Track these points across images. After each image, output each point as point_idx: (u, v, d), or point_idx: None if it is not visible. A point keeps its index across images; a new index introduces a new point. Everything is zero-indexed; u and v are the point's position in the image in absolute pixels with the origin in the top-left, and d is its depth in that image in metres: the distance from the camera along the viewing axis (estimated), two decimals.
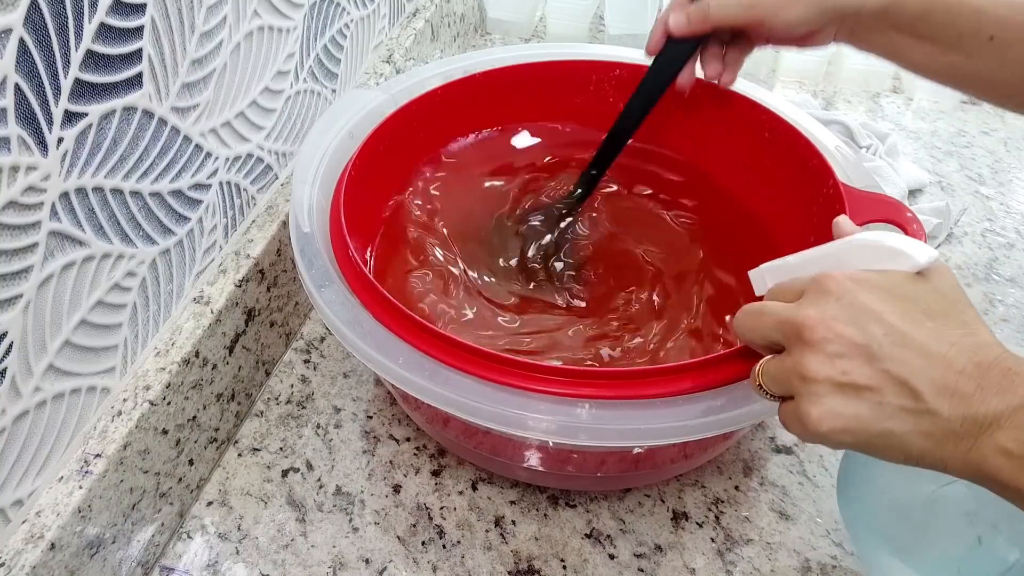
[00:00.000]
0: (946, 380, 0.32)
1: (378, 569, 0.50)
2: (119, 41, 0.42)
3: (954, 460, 0.33)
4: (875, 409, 0.33)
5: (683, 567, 0.50)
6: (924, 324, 0.33)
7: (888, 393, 0.33)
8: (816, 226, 0.54)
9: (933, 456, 0.33)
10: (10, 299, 0.38)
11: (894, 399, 0.33)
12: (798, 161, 0.57)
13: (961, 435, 0.32)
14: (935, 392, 0.32)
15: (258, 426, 0.58)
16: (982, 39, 0.49)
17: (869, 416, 0.33)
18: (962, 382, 0.32)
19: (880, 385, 0.33)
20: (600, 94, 0.66)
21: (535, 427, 0.41)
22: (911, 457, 0.33)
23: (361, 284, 0.47)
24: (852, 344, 0.33)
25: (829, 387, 0.33)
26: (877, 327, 0.33)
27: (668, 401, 0.41)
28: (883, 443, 0.33)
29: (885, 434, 0.33)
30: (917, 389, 0.32)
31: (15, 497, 0.41)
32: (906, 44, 0.51)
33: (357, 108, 0.60)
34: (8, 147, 0.36)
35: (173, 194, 0.49)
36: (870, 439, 0.33)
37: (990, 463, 0.32)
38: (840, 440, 0.34)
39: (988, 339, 0.34)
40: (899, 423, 0.33)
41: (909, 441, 0.33)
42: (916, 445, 0.33)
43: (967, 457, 0.32)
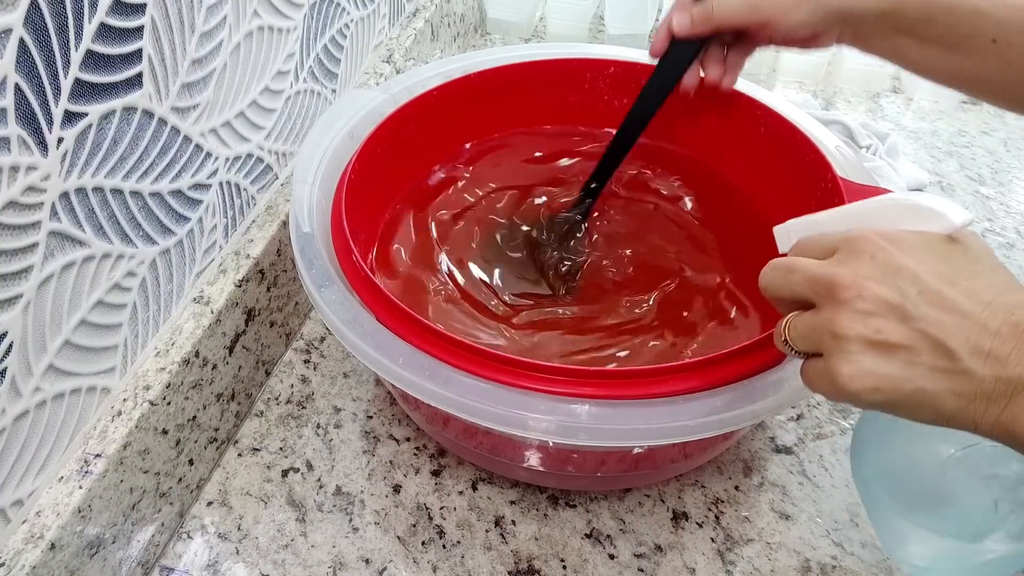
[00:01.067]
0: (981, 341, 0.32)
1: (378, 569, 0.50)
2: (119, 41, 0.42)
3: (985, 421, 0.33)
4: (908, 368, 0.33)
5: (683, 567, 0.50)
6: (959, 284, 0.33)
7: (922, 352, 0.33)
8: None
9: (964, 417, 0.33)
10: (10, 299, 0.38)
11: (928, 359, 0.33)
12: (795, 156, 0.57)
13: (994, 396, 0.32)
14: (970, 352, 0.32)
15: (258, 426, 0.58)
16: (984, 41, 0.49)
17: (902, 375, 0.33)
18: (997, 343, 0.32)
19: (914, 344, 0.33)
20: (595, 92, 0.66)
21: (535, 427, 0.41)
22: (941, 417, 0.33)
23: (362, 284, 0.47)
24: (886, 303, 0.33)
25: (862, 345, 0.33)
26: (912, 286, 0.33)
27: (668, 401, 0.41)
28: (914, 403, 0.33)
29: (917, 393, 0.33)
30: (952, 349, 0.32)
31: (15, 497, 0.41)
32: (908, 46, 0.51)
33: (357, 108, 0.60)
34: (8, 147, 0.36)
35: (173, 194, 0.49)
36: (902, 398, 0.33)
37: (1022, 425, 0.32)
38: (871, 399, 0.33)
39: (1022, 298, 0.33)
40: (932, 383, 0.33)
41: (941, 401, 0.33)
42: (948, 405, 0.33)
43: (999, 418, 0.32)
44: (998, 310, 0.32)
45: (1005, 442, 0.33)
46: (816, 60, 0.92)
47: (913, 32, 0.51)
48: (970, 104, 0.91)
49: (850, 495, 0.54)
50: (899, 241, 0.34)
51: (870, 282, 0.33)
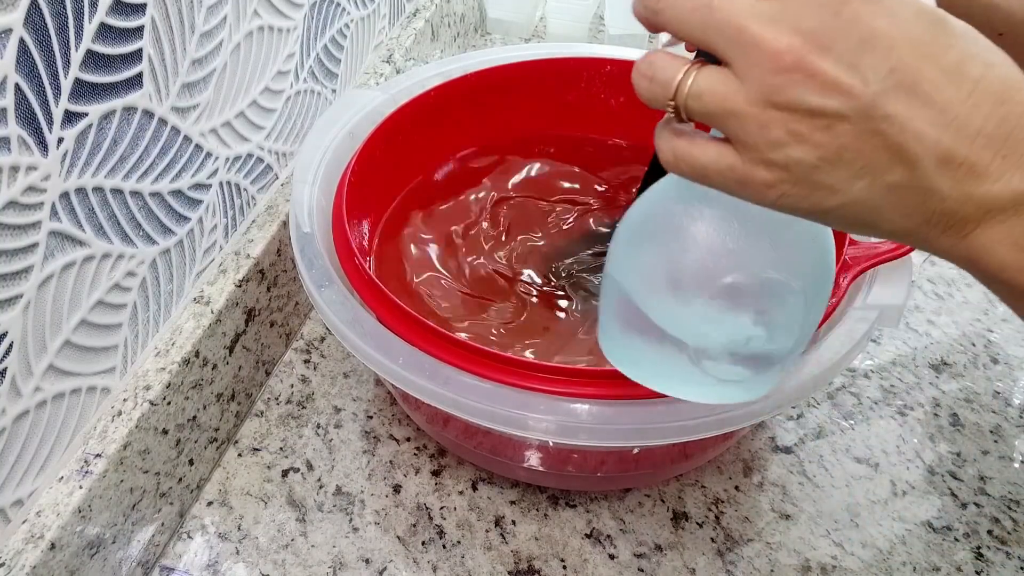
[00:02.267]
0: (955, 145, 0.24)
1: (378, 569, 0.50)
2: (119, 41, 0.42)
3: (941, 244, 0.26)
4: (852, 179, 0.25)
5: (683, 567, 0.50)
6: (942, 57, 0.25)
7: (876, 161, 0.25)
8: None
9: (913, 237, 0.27)
10: (10, 299, 0.38)
11: (884, 170, 0.25)
12: None
13: (961, 217, 0.25)
14: (936, 163, 0.25)
15: (258, 426, 0.58)
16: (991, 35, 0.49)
17: (842, 186, 0.25)
18: (976, 148, 0.24)
19: (868, 150, 0.25)
20: (592, 91, 0.66)
21: (535, 427, 0.41)
22: (879, 232, 0.27)
23: (362, 284, 0.47)
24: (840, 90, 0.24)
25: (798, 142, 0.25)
26: (883, 64, 0.24)
27: (668, 401, 0.41)
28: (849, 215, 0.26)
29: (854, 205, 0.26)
30: (915, 158, 0.25)
31: (15, 497, 0.41)
32: None
33: (357, 108, 0.60)
34: (8, 147, 0.36)
35: (173, 194, 0.49)
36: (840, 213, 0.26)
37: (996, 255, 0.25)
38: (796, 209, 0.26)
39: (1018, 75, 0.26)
40: (880, 197, 0.25)
41: (887, 219, 0.26)
42: (897, 225, 0.26)
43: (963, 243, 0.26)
44: (985, 96, 0.25)
45: (964, 267, 0.27)
46: None
47: None
48: None
49: (850, 495, 0.54)
50: None
51: (824, 58, 0.24)
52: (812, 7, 0.25)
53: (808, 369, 0.43)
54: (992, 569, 0.50)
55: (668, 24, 0.27)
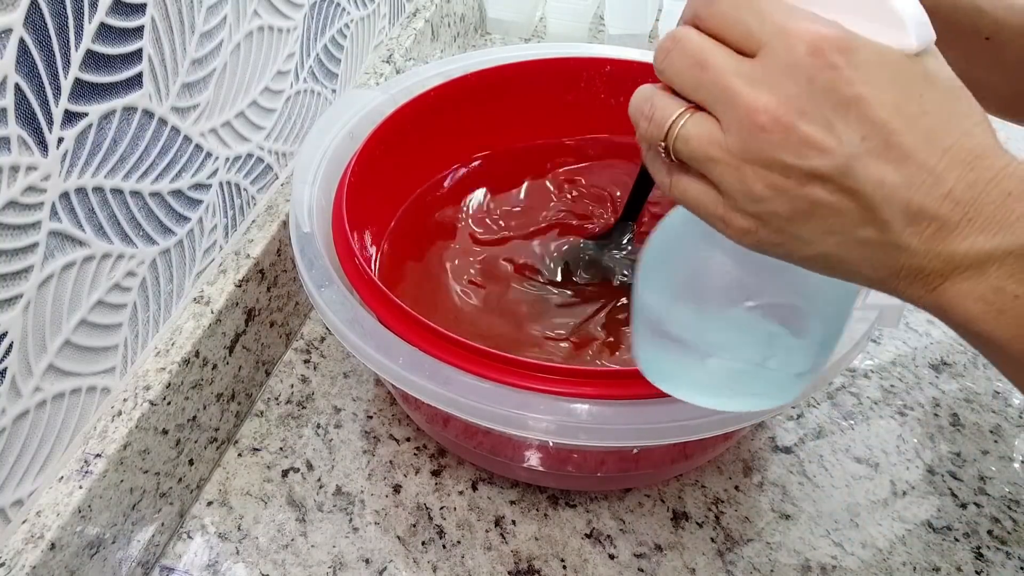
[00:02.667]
0: (925, 204, 0.25)
1: (378, 569, 0.50)
2: (119, 41, 0.42)
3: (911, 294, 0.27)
4: (827, 233, 0.26)
5: (683, 567, 0.50)
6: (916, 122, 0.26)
7: (849, 218, 0.26)
8: None
9: (883, 286, 0.28)
10: (10, 299, 0.38)
11: (855, 227, 0.26)
12: None
13: (929, 272, 0.26)
14: (907, 221, 0.26)
15: (258, 426, 0.58)
16: (978, 39, 0.49)
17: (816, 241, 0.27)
18: (945, 208, 0.25)
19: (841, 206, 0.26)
20: (591, 91, 0.66)
21: (535, 427, 0.41)
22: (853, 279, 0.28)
23: (362, 284, 0.47)
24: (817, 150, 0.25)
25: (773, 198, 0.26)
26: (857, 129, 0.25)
27: (668, 401, 0.41)
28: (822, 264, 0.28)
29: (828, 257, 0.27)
30: (886, 219, 0.26)
31: (15, 497, 0.41)
32: None
33: (357, 108, 0.60)
34: (8, 147, 0.36)
35: (173, 194, 0.49)
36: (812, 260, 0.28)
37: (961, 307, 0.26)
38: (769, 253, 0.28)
39: (989, 143, 0.26)
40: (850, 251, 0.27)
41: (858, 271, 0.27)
42: (865, 275, 0.27)
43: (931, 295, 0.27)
44: (955, 161, 0.26)
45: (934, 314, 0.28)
46: None
47: None
48: None
49: (850, 495, 0.54)
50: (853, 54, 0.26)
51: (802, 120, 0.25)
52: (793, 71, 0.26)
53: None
54: (992, 569, 0.50)
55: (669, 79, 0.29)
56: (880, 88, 0.26)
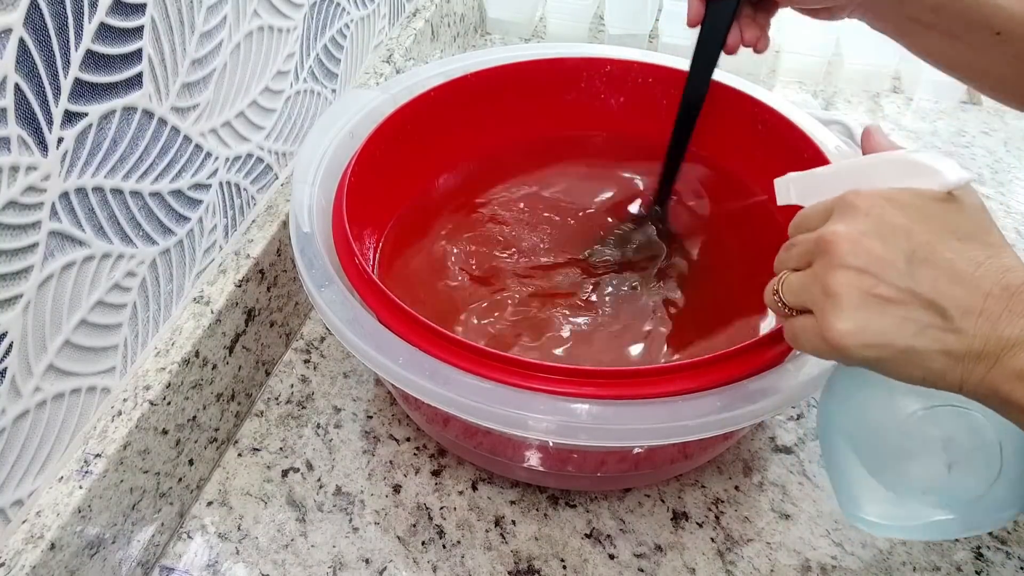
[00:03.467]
0: (973, 301, 0.32)
1: (378, 569, 0.50)
2: (119, 41, 0.42)
3: (971, 380, 0.33)
4: (901, 325, 0.33)
5: (683, 567, 0.50)
6: (952, 243, 0.33)
7: (915, 310, 0.33)
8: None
9: (952, 375, 0.33)
10: (10, 299, 0.38)
11: (921, 316, 0.33)
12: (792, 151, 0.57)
13: (983, 356, 0.32)
14: (961, 312, 0.32)
15: (258, 426, 0.58)
16: (989, 33, 0.49)
17: (894, 332, 0.33)
18: (989, 304, 0.32)
19: (908, 301, 0.33)
20: (592, 91, 0.66)
21: (535, 427, 0.41)
22: (930, 375, 0.33)
23: (363, 284, 0.47)
24: (880, 259, 0.33)
25: (855, 300, 0.33)
26: (906, 243, 0.33)
27: (668, 401, 0.42)
28: (905, 360, 0.33)
29: (909, 351, 0.33)
30: (944, 307, 0.32)
31: (15, 497, 0.41)
32: (916, 30, 0.52)
33: (357, 108, 0.60)
34: (8, 147, 0.36)
35: (173, 194, 0.49)
36: (894, 355, 0.33)
37: (1010, 386, 0.32)
38: (862, 355, 0.33)
39: (1014, 263, 0.33)
40: (924, 340, 0.33)
41: (931, 359, 0.33)
42: (937, 363, 0.33)
43: (985, 378, 0.32)
44: (990, 271, 0.33)
45: (990, 404, 0.33)
46: (816, 60, 0.92)
47: (923, 18, 0.51)
48: (970, 104, 0.91)
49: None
50: (894, 199, 0.34)
51: (865, 238, 0.33)
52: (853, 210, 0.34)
53: (807, 369, 0.43)
54: (992, 569, 0.50)
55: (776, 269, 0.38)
56: (918, 218, 0.33)
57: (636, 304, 0.56)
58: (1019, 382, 0.32)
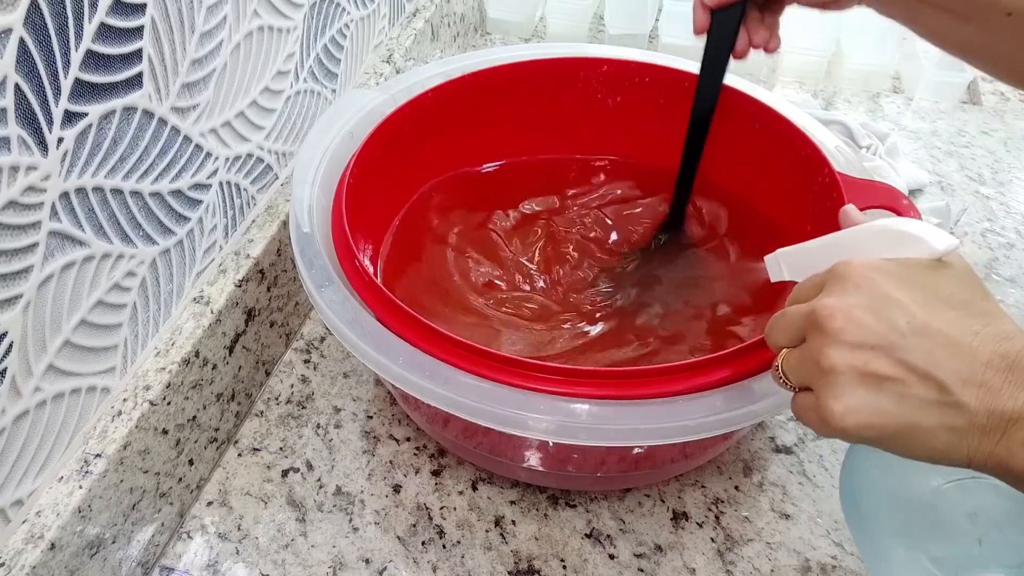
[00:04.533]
0: (972, 372, 0.31)
1: (378, 569, 0.50)
2: (119, 41, 0.42)
3: (979, 455, 0.32)
4: (899, 402, 0.32)
5: (683, 567, 0.50)
6: (946, 313, 0.32)
7: (913, 385, 0.32)
8: (813, 215, 0.55)
9: (958, 451, 0.32)
10: (10, 299, 0.38)
11: (919, 391, 0.32)
12: (791, 151, 0.57)
13: (988, 429, 0.31)
14: (961, 384, 0.31)
15: (258, 426, 0.58)
16: (999, 15, 0.49)
17: (893, 410, 0.32)
18: (988, 374, 0.31)
19: (904, 376, 0.32)
20: (588, 90, 0.66)
21: (535, 427, 0.41)
22: (935, 452, 0.32)
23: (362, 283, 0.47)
24: (873, 333, 0.32)
25: (851, 378, 0.32)
26: (900, 316, 0.32)
27: (668, 401, 0.41)
28: (907, 437, 0.32)
29: (910, 428, 0.32)
30: (942, 381, 0.31)
31: (15, 497, 0.41)
32: (924, 12, 0.51)
33: (357, 108, 0.60)
34: (8, 147, 0.36)
35: (173, 194, 0.49)
36: (894, 434, 0.32)
37: (1018, 458, 0.31)
38: (863, 436, 0.33)
39: (1011, 329, 0.32)
40: (924, 416, 0.32)
41: (934, 436, 0.32)
42: (941, 440, 0.32)
43: (993, 452, 0.31)
44: (986, 340, 0.32)
45: (999, 476, 0.32)
46: (816, 60, 0.92)
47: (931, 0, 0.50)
48: (970, 104, 0.91)
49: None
50: (885, 270, 0.33)
51: (857, 311, 0.32)
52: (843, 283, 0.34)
53: None
54: None
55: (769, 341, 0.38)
56: (910, 289, 0.33)
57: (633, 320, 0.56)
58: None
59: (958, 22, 0.50)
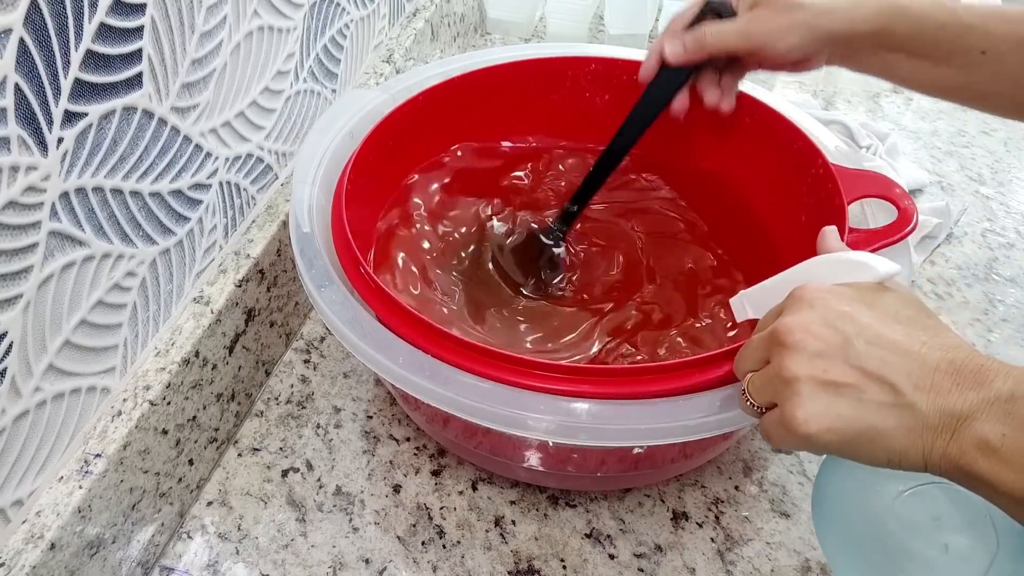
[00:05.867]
0: (922, 376, 0.33)
1: (378, 569, 0.50)
2: (119, 41, 0.42)
3: (933, 456, 0.33)
4: (856, 406, 0.34)
5: (683, 567, 0.50)
6: (895, 326, 0.35)
7: (868, 389, 0.34)
8: (808, 206, 0.55)
9: (914, 452, 0.34)
10: (10, 299, 0.38)
11: (875, 395, 0.34)
12: (784, 144, 0.57)
13: (939, 429, 0.33)
14: (912, 387, 0.33)
15: (258, 426, 0.58)
16: (974, 54, 0.49)
17: (851, 414, 0.34)
18: (937, 378, 0.33)
19: (859, 382, 0.34)
20: (576, 89, 0.66)
21: (535, 427, 0.41)
22: (894, 455, 0.34)
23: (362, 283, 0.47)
24: (829, 343, 0.34)
25: (810, 386, 0.34)
26: (852, 327, 0.35)
27: (668, 401, 0.42)
28: (867, 440, 0.34)
29: (868, 431, 0.34)
30: (895, 384, 0.33)
31: (15, 497, 0.41)
32: (899, 62, 0.52)
33: (357, 108, 0.60)
34: (8, 147, 0.36)
35: (173, 194, 0.49)
36: (854, 436, 0.34)
37: (968, 458, 0.32)
38: (825, 440, 0.34)
39: (957, 341, 0.35)
40: (880, 418, 0.34)
41: (891, 437, 0.34)
42: (898, 441, 0.34)
43: (946, 452, 0.33)
44: (934, 348, 0.34)
45: (953, 477, 0.34)
46: None
47: (902, 48, 0.51)
48: None
49: None
50: (836, 291, 0.36)
51: (813, 325, 0.35)
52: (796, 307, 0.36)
53: None
54: None
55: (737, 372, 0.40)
56: (859, 306, 0.36)
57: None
58: (978, 453, 0.32)
59: (935, 66, 0.51)
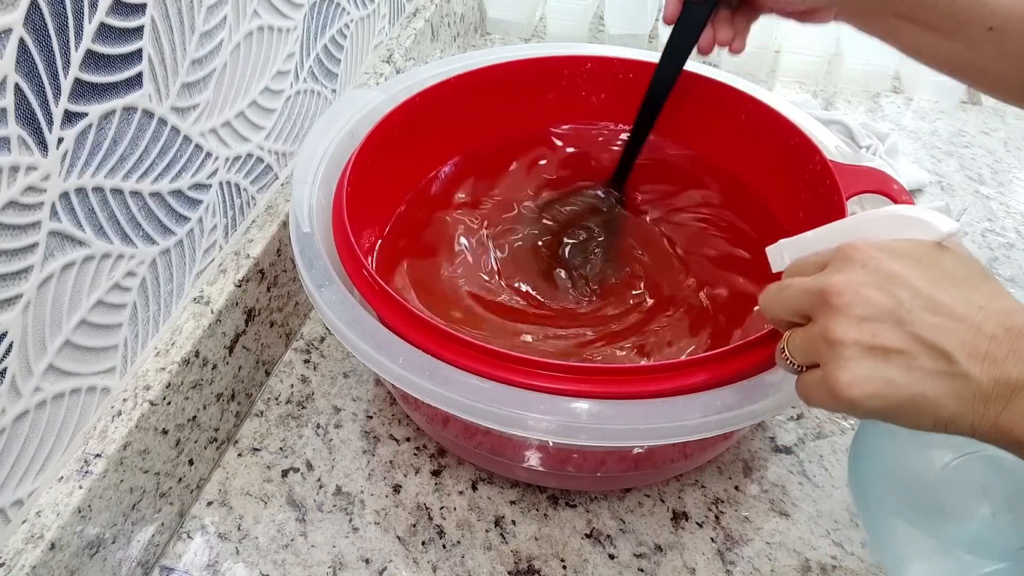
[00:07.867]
0: (977, 344, 0.32)
1: (378, 569, 0.50)
2: (119, 41, 0.42)
3: (983, 425, 0.32)
4: (906, 373, 0.33)
5: (683, 567, 0.50)
6: (950, 290, 0.33)
7: (919, 356, 0.33)
8: (805, 203, 0.55)
9: (963, 420, 0.33)
10: (10, 299, 0.38)
11: (926, 362, 0.32)
12: (780, 141, 0.58)
13: (992, 398, 0.32)
14: (966, 355, 0.32)
15: (258, 426, 0.58)
16: (981, 29, 0.49)
17: (900, 380, 0.33)
18: (993, 346, 0.32)
19: (911, 348, 0.33)
20: (573, 88, 0.66)
21: (535, 427, 0.41)
22: (940, 422, 0.33)
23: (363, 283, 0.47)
24: (880, 307, 0.33)
25: (858, 351, 0.33)
26: (904, 291, 0.33)
27: (668, 401, 0.42)
28: (914, 408, 0.33)
29: (916, 398, 0.33)
30: (948, 352, 0.32)
31: (15, 497, 0.41)
32: (906, 29, 0.51)
33: (357, 108, 0.60)
34: (8, 147, 0.36)
35: (173, 194, 0.49)
36: (901, 404, 0.33)
37: (1022, 427, 0.31)
38: (870, 406, 0.33)
39: (1014, 305, 0.33)
40: (931, 386, 0.32)
41: (940, 405, 0.33)
42: (947, 409, 0.33)
43: (997, 421, 0.32)
44: (991, 314, 0.33)
45: (1003, 445, 0.33)
46: (816, 60, 0.92)
47: (911, 15, 0.51)
48: (970, 104, 0.91)
49: (850, 495, 0.53)
50: (889, 249, 0.34)
51: (863, 287, 0.33)
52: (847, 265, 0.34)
53: None
54: None
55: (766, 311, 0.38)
56: (914, 267, 0.34)
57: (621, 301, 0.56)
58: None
59: (940, 38, 0.51)
